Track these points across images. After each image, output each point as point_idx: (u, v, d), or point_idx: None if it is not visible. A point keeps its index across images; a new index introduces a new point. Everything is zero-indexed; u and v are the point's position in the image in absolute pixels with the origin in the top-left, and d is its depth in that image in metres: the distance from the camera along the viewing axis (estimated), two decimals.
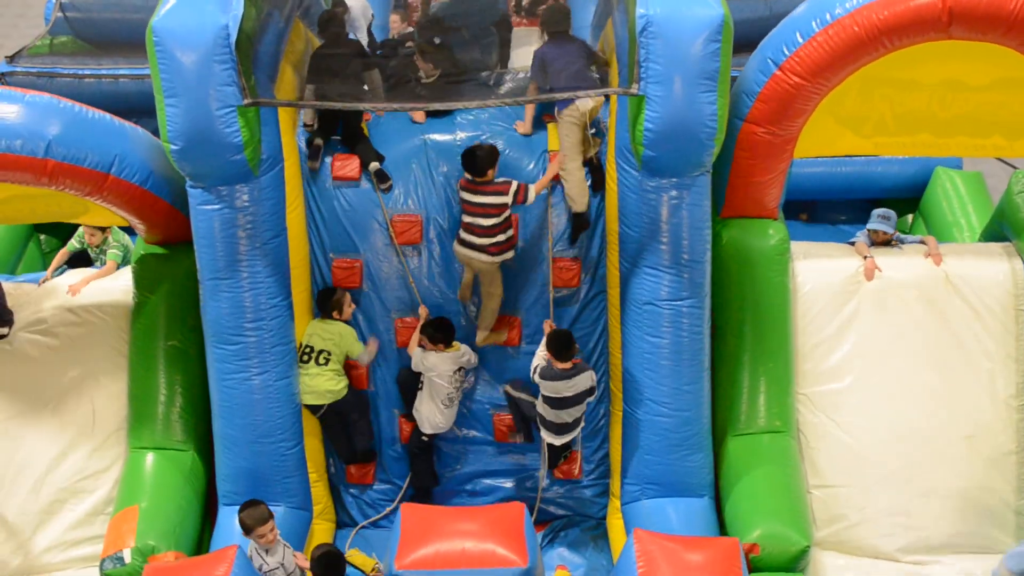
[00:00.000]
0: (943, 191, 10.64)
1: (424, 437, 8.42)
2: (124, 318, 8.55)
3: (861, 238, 8.77)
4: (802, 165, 8.35)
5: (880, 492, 8.07)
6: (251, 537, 7.27)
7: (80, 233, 9.31)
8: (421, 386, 8.33)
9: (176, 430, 8.27)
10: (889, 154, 8.53)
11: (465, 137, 8.39)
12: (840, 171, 10.88)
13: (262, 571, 7.23)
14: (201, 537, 8.18)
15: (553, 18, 8.15)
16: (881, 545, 8.00)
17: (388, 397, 8.59)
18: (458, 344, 8.26)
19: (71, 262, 9.38)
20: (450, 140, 8.41)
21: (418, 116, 8.50)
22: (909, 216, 11.15)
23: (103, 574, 7.57)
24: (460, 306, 8.47)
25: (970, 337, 8.32)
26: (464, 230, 8.11)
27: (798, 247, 8.58)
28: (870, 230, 8.76)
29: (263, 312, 7.80)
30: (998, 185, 10.08)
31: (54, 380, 8.40)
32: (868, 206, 9.93)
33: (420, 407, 8.34)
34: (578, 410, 7.92)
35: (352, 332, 8.29)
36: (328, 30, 8.43)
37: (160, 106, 7.15)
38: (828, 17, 7.29)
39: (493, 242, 8.06)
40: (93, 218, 8.61)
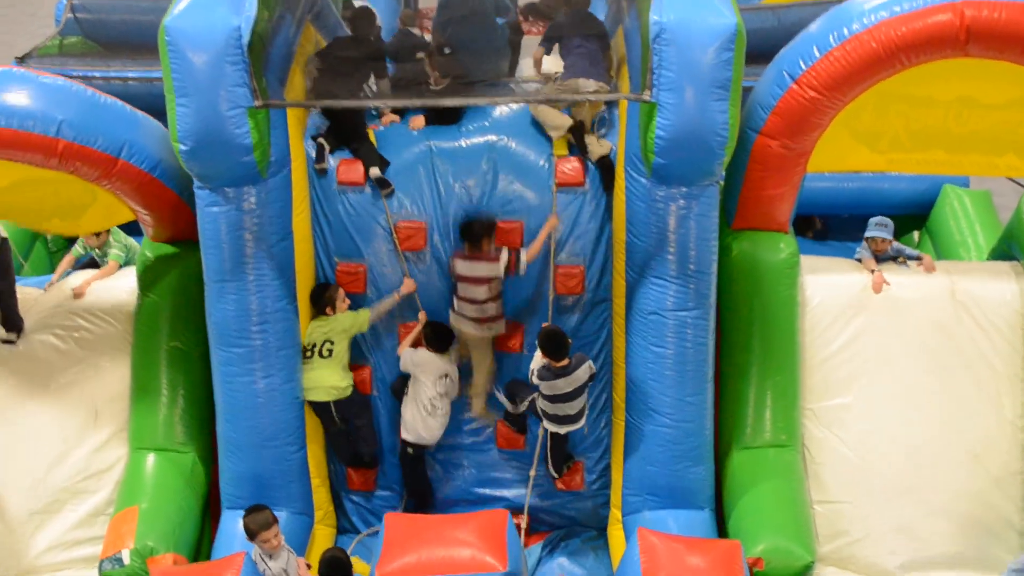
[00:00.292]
0: (951, 209, 10.63)
1: (409, 449, 8.35)
2: (128, 319, 8.55)
3: (863, 252, 8.77)
4: (809, 180, 8.30)
5: (884, 508, 8.03)
6: (255, 542, 7.23)
7: (81, 238, 9.32)
8: (407, 391, 8.28)
9: (178, 432, 8.26)
10: (903, 170, 8.54)
11: (470, 144, 8.35)
12: (847, 186, 10.86)
13: None
14: (200, 540, 8.16)
15: None
16: (884, 562, 7.96)
17: (391, 402, 8.53)
18: (449, 352, 8.21)
19: (81, 267, 9.38)
20: (455, 146, 8.36)
21: (416, 124, 8.44)
22: (916, 233, 11.14)
23: (102, 575, 7.53)
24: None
25: (977, 356, 8.30)
26: (458, 300, 8.17)
27: (807, 261, 8.57)
28: (868, 238, 8.76)
29: (269, 315, 7.79)
30: (1006, 204, 10.06)
31: (57, 380, 8.39)
32: None
33: (404, 411, 8.29)
34: (580, 402, 7.93)
35: (347, 313, 8.19)
36: (359, 25, 8.42)
37: (171, 106, 7.15)
38: (845, 32, 7.28)
39: (485, 316, 8.15)
40: (95, 219, 8.56)
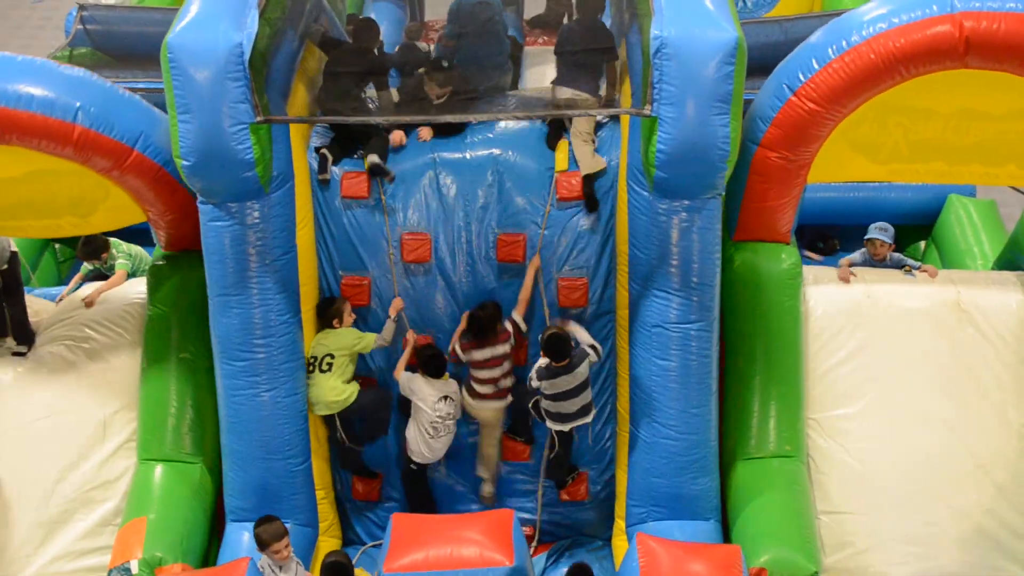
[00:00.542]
0: (956, 219, 10.58)
1: (412, 465, 8.38)
2: (137, 330, 8.58)
3: (854, 256, 8.79)
4: (813, 191, 8.31)
5: (889, 519, 8.01)
6: (266, 552, 7.26)
7: None
8: (411, 411, 8.29)
9: (186, 442, 8.27)
10: (903, 181, 8.50)
11: (475, 156, 8.37)
12: (852, 196, 10.82)
13: None
14: (208, 550, 8.18)
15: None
16: (890, 573, 7.93)
17: (397, 413, 8.49)
18: (448, 376, 8.20)
19: (91, 281, 9.43)
20: (460, 158, 8.38)
21: (424, 133, 8.46)
22: (922, 243, 11.10)
23: None
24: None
25: (983, 366, 8.27)
26: (477, 383, 8.22)
27: (810, 271, 8.56)
28: (867, 240, 8.76)
29: (272, 329, 7.81)
30: (1011, 213, 10.02)
31: (67, 391, 8.42)
32: None
33: (408, 431, 8.31)
34: (585, 396, 7.95)
35: (352, 330, 8.22)
36: (361, 38, 8.44)
37: (173, 122, 7.20)
38: (844, 44, 7.27)
39: (503, 388, 8.27)
40: (106, 217, 8.43)
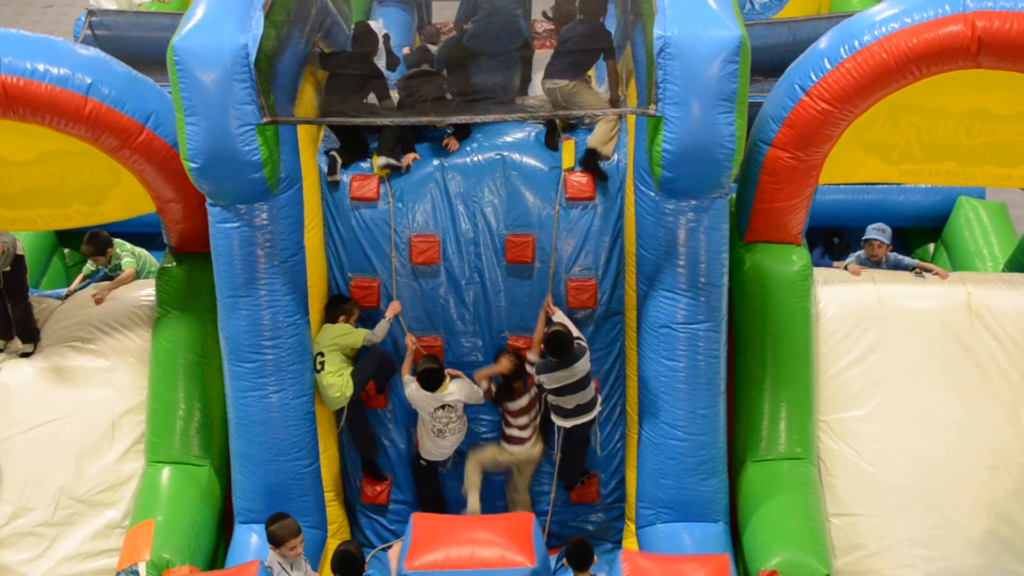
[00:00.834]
0: (966, 221, 10.54)
1: (423, 461, 8.38)
2: (146, 332, 8.59)
3: (854, 260, 8.78)
4: (823, 192, 8.29)
5: (900, 522, 7.98)
6: (282, 550, 7.26)
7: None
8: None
9: (193, 445, 8.28)
10: (914, 182, 8.48)
11: (482, 159, 8.37)
12: (861, 198, 10.77)
13: None
14: (216, 553, 8.20)
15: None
16: (900, 575, 7.88)
17: (406, 416, 8.53)
18: (446, 386, 8.10)
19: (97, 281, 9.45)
20: (467, 161, 8.39)
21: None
22: (931, 245, 11.06)
23: None
24: (474, 332, 8.40)
25: (994, 367, 8.24)
26: (514, 430, 8.29)
27: (820, 273, 8.55)
28: (864, 241, 8.75)
29: (281, 330, 7.82)
30: (1021, 215, 10.01)
31: (75, 393, 8.42)
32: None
33: (418, 430, 8.32)
34: (587, 394, 7.95)
35: (342, 324, 8.19)
36: (360, 44, 8.46)
37: (180, 124, 7.21)
38: (856, 44, 7.27)
39: (535, 431, 8.34)
40: (115, 206, 8.30)
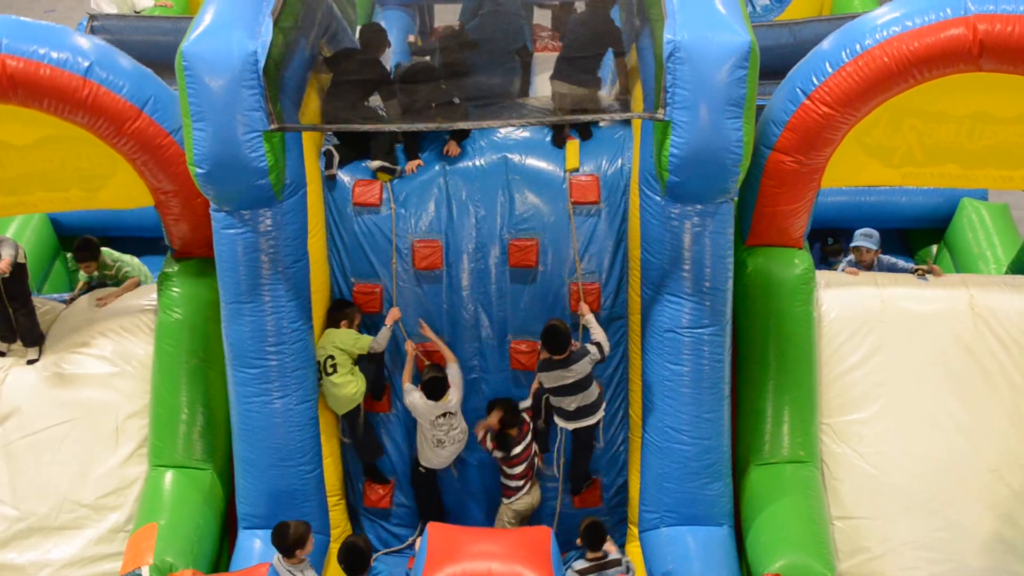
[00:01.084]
0: (969, 222, 10.55)
1: (421, 468, 8.37)
2: (149, 337, 8.57)
3: (844, 266, 8.84)
4: (825, 194, 8.30)
5: (903, 524, 7.98)
6: (297, 555, 7.27)
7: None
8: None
9: (196, 449, 8.28)
10: (916, 185, 8.49)
11: (484, 162, 8.38)
12: (864, 200, 10.76)
13: None
14: (219, 557, 8.20)
15: None
16: None
17: (408, 419, 8.50)
18: (448, 396, 8.10)
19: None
20: (470, 164, 8.40)
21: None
22: (934, 247, 11.05)
23: None
24: (477, 337, 8.39)
25: (996, 370, 8.25)
26: (509, 480, 8.30)
27: (823, 276, 8.56)
28: (853, 248, 8.79)
29: (284, 336, 7.82)
30: None
31: (79, 397, 8.41)
32: (893, 237, 9.84)
33: (417, 437, 8.31)
34: (588, 396, 7.94)
35: (350, 331, 8.20)
36: (370, 44, 8.46)
37: (187, 130, 7.22)
38: (858, 48, 7.27)
39: (528, 481, 8.34)
40: (113, 195, 8.26)
